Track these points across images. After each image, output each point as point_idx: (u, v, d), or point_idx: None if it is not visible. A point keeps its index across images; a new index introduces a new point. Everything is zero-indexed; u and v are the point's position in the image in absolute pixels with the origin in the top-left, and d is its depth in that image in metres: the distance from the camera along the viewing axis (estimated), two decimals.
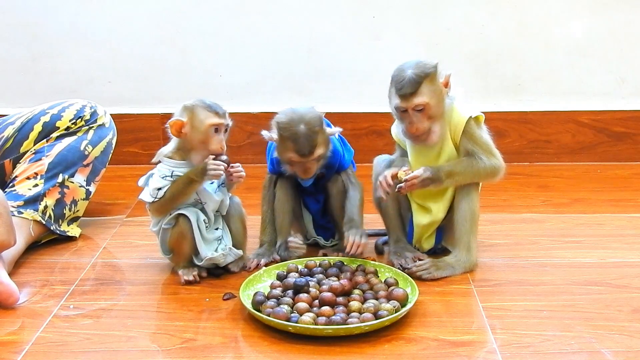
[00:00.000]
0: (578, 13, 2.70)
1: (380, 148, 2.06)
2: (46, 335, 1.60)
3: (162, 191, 1.78)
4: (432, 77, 1.77)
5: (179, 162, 1.80)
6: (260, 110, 2.71)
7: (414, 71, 1.76)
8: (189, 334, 1.60)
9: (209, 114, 1.78)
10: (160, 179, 1.79)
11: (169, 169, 1.80)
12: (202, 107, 1.78)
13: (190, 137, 1.79)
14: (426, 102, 1.77)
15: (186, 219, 1.80)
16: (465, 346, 1.54)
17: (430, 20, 2.71)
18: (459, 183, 1.84)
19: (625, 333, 1.57)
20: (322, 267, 1.83)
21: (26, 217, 1.99)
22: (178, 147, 1.81)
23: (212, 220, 1.84)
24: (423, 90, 1.76)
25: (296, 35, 2.73)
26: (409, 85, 1.75)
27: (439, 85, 1.79)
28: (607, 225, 2.17)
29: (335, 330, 1.54)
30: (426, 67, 1.77)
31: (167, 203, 1.79)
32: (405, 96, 1.76)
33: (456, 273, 1.84)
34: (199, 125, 1.78)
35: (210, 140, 1.78)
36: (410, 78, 1.75)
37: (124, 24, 2.73)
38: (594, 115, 2.74)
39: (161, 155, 1.82)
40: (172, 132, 1.79)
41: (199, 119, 1.78)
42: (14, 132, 2.11)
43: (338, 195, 1.94)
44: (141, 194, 1.82)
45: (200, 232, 1.81)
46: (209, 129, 1.77)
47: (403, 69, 1.78)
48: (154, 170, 1.82)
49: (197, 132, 1.78)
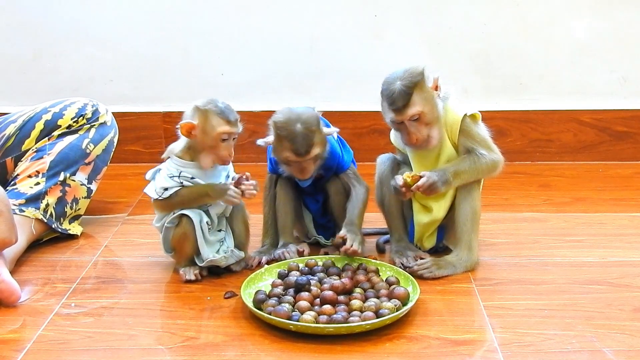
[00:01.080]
0: (580, 12, 2.70)
1: (381, 147, 2.06)
2: (47, 333, 1.60)
3: (168, 192, 1.78)
4: (421, 84, 1.77)
5: (187, 162, 1.79)
6: (261, 109, 2.71)
7: (402, 82, 1.75)
8: (191, 332, 1.60)
9: (221, 122, 1.76)
10: (167, 178, 1.79)
11: (177, 168, 1.79)
12: (215, 113, 1.76)
13: (199, 140, 1.77)
14: (420, 111, 1.77)
15: (189, 220, 1.79)
16: (466, 345, 1.54)
17: (432, 19, 2.71)
18: (466, 181, 1.84)
19: (626, 332, 1.57)
20: (323, 266, 1.83)
21: (28, 215, 1.99)
22: (188, 147, 1.80)
23: (215, 222, 1.84)
24: (415, 100, 1.76)
25: (298, 34, 2.73)
26: (400, 98, 1.75)
27: (429, 91, 1.78)
28: (608, 224, 2.17)
29: (336, 329, 1.55)
30: (413, 75, 1.76)
31: (175, 204, 1.79)
32: (399, 109, 1.76)
33: (457, 272, 1.84)
34: (209, 131, 1.76)
35: (219, 146, 1.77)
36: (400, 90, 1.75)
37: (126, 22, 2.73)
38: (595, 115, 2.74)
39: (171, 153, 1.81)
40: (182, 133, 1.78)
41: (211, 124, 1.76)
42: (16, 131, 2.12)
43: (337, 196, 1.94)
44: (147, 187, 1.82)
45: (203, 234, 1.80)
46: (219, 136, 1.77)
47: (391, 81, 1.77)
48: (162, 165, 1.82)
49: (207, 137, 1.76)
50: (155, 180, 1.81)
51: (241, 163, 2.67)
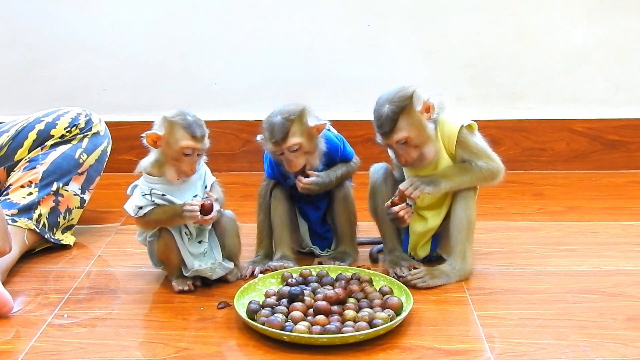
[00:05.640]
0: (574, 22, 2.71)
1: (376, 156, 2.05)
2: (40, 344, 1.59)
3: (142, 210, 1.76)
4: (409, 109, 1.76)
5: (156, 179, 1.77)
6: (256, 118, 2.69)
7: (389, 107, 1.75)
8: (184, 343, 1.59)
9: (186, 135, 1.72)
10: (141, 197, 1.76)
11: (148, 186, 1.77)
12: (181, 126, 1.72)
13: (163, 151, 1.75)
14: (406, 136, 1.77)
15: (168, 232, 1.78)
16: (460, 355, 1.54)
17: (427, 27, 2.72)
18: (459, 185, 1.83)
19: (619, 341, 1.57)
20: (317, 276, 1.82)
21: (20, 225, 1.99)
22: (156, 160, 1.77)
23: (194, 233, 1.81)
24: (400, 125, 1.76)
25: (293, 42, 2.73)
26: (386, 123, 1.75)
27: (417, 115, 1.77)
28: (601, 233, 2.18)
29: (330, 339, 1.54)
30: (402, 100, 1.76)
31: (151, 223, 1.78)
32: (385, 134, 1.77)
33: (451, 281, 1.84)
34: (173, 144, 1.73)
35: (181, 160, 1.74)
36: (387, 116, 1.75)
37: (121, 31, 2.73)
38: (588, 124, 2.75)
39: (141, 168, 1.79)
40: (147, 142, 1.76)
41: (175, 137, 1.72)
42: (9, 140, 2.11)
43: (343, 202, 1.94)
44: (126, 203, 1.80)
45: (185, 244, 1.79)
46: (182, 150, 1.73)
47: (381, 103, 1.77)
48: (139, 181, 1.80)
49: (170, 149, 1.73)
50: (132, 197, 1.79)
51: (235, 172, 2.70)
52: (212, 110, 1.89)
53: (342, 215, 1.96)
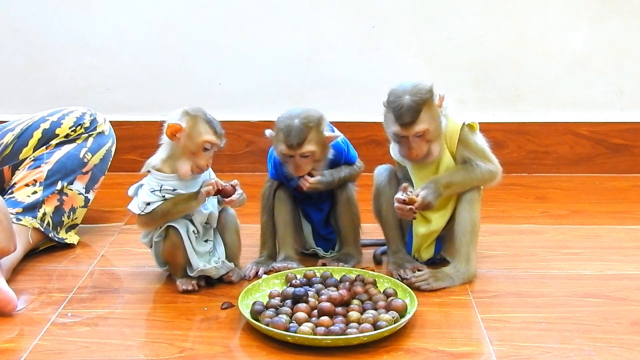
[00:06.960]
0: (577, 24, 2.71)
1: (379, 157, 2.06)
2: (44, 343, 1.59)
3: (150, 206, 1.77)
4: (430, 102, 1.77)
5: (167, 175, 1.78)
6: (258, 119, 2.71)
7: (412, 98, 1.75)
8: (188, 343, 1.59)
9: (208, 130, 1.76)
10: (149, 193, 1.77)
11: (158, 182, 1.77)
12: (204, 120, 1.76)
13: (182, 144, 1.76)
14: (426, 129, 1.77)
15: (176, 231, 1.78)
16: (463, 357, 1.54)
17: (430, 30, 2.72)
18: (457, 191, 1.84)
19: (624, 346, 1.57)
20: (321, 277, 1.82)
21: (25, 224, 1.99)
22: (168, 156, 1.78)
23: (200, 232, 1.82)
24: (422, 118, 1.76)
25: (295, 44, 2.73)
26: (409, 114, 1.75)
27: (436, 109, 1.79)
28: (605, 237, 2.17)
29: (334, 341, 1.54)
30: (423, 92, 1.76)
31: (158, 219, 1.78)
32: (405, 125, 1.76)
33: (455, 284, 1.84)
34: (195, 137, 1.76)
35: (199, 154, 1.77)
36: (410, 106, 1.75)
37: (123, 31, 2.73)
38: (592, 127, 2.75)
39: (149, 166, 1.79)
40: (166, 133, 1.77)
41: (198, 130, 1.76)
42: (14, 139, 2.11)
43: (346, 203, 1.94)
44: (130, 203, 1.81)
45: (191, 243, 1.80)
46: (203, 144, 1.76)
47: (399, 94, 1.77)
48: (144, 180, 1.81)
49: (191, 142, 1.76)
50: (137, 196, 1.79)
51: (237, 173, 2.69)
52: (215, 111, 1.89)
53: (346, 217, 1.96)
